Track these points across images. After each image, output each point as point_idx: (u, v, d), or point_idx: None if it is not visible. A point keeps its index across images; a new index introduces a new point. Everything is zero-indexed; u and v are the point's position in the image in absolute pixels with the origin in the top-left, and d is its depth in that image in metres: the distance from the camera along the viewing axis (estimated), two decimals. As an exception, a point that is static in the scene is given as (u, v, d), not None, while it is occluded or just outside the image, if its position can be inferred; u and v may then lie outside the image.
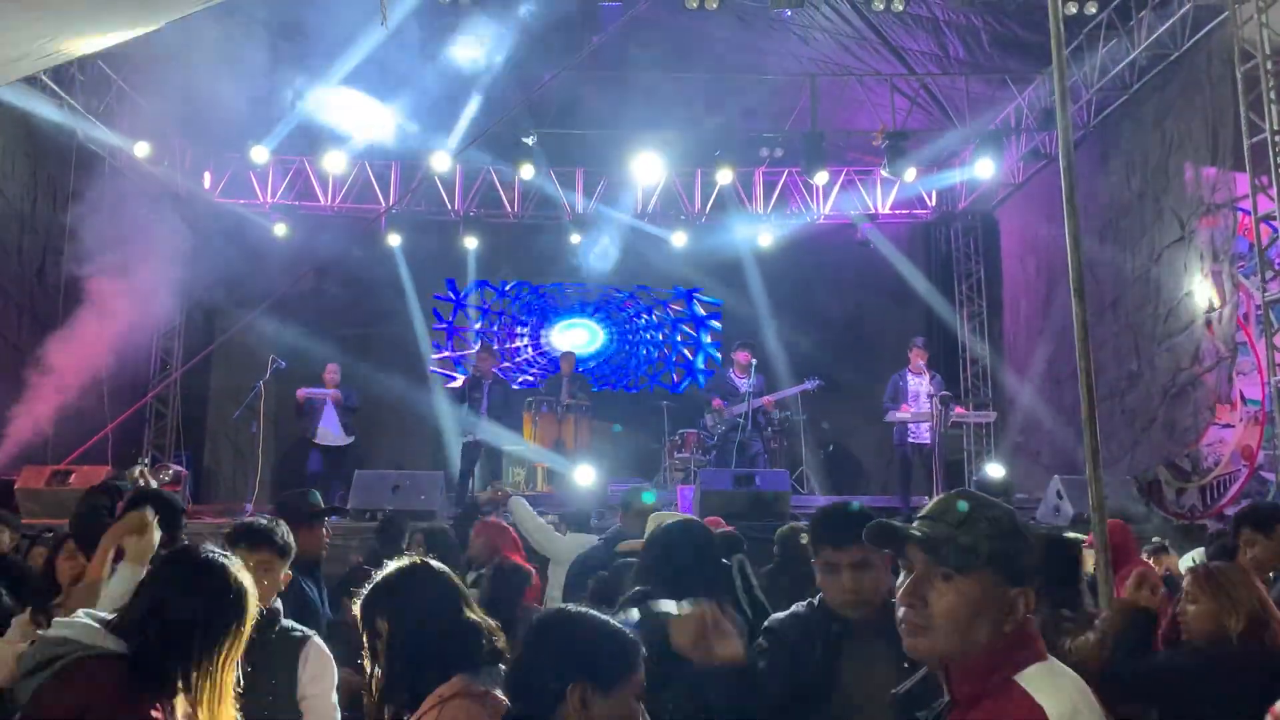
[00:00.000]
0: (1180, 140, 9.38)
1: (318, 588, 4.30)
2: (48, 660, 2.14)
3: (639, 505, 5.66)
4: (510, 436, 11.17)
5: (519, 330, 15.51)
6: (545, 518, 6.71)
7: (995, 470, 10.96)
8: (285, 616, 3.18)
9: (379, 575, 2.48)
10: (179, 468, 11.15)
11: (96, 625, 2.20)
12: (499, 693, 2.23)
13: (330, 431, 11.12)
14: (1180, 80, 9.49)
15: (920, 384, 10.49)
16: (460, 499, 10.44)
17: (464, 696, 2.22)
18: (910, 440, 10.45)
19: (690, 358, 15.57)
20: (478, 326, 15.43)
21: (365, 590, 2.46)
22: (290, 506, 4.30)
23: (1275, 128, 7.92)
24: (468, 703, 2.21)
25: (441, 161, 11.98)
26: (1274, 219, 7.98)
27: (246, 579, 2.35)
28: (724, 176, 12.42)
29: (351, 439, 11.24)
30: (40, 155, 10.59)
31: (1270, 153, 7.92)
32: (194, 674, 2.20)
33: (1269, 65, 7.97)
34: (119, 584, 2.83)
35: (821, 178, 12.37)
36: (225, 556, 2.38)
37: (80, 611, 2.27)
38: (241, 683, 2.34)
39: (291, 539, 3.30)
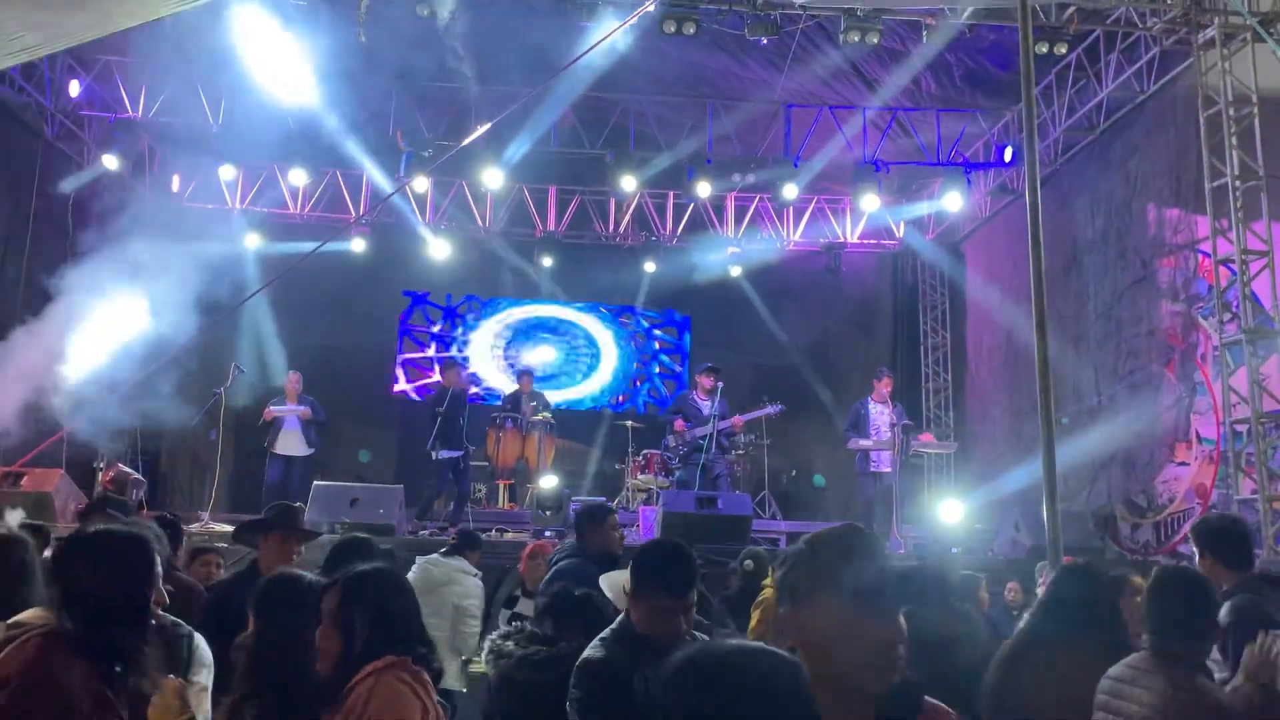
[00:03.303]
0: (1144, 181, 9.55)
1: None
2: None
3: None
4: (474, 452, 11.11)
5: (470, 339, 15.34)
6: None
7: (951, 510, 10.77)
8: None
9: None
10: (134, 473, 10.96)
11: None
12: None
13: (292, 442, 10.98)
14: (1145, 123, 9.67)
15: (882, 413, 10.52)
16: (424, 514, 10.33)
17: (398, 669, 2.41)
18: (871, 469, 10.47)
19: (640, 386, 15.47)
20: (457, 334, 15.31)
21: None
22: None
23: (1236, 172, 8.09)
24: (402, 674, 2.41)
25: (420, 183, 12.01)
26: (1233, 261, 8.13)
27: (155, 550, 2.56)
28: (703, 189, 12.30)
29: (312, 450, 11.11)
30: (5, 152, 10.43)
31: (1230, 196, 8.09)
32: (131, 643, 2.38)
33: (1231, 111, 8.15)
34: None
35: (790, 191, 12.38)
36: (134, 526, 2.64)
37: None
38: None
39: None
